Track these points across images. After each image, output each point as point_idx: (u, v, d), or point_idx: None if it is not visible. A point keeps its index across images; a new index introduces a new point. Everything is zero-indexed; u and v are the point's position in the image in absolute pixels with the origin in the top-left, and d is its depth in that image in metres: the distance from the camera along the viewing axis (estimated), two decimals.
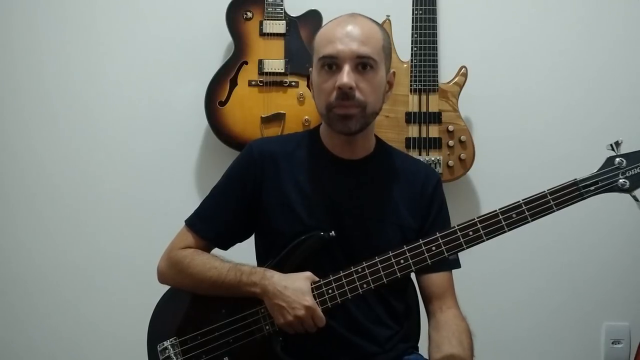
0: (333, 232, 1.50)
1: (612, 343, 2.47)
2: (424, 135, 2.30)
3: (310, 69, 1.57)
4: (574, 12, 2.46)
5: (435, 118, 2.30)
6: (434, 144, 2.29)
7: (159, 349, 1.53)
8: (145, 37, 2.45)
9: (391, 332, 1.57)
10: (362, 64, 1.47)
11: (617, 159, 1.41)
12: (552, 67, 2.46)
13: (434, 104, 2.30)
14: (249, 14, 2.31)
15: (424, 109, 2.30)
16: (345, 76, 1.45)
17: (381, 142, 1.65)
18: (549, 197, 1.40)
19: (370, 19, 1.56)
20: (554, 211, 1.41)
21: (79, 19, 2.44)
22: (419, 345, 1.68)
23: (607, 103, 2.45)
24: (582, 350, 2.49)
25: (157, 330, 1.58)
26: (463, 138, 2.29)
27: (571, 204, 1.41)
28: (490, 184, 2.42)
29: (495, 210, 1.42)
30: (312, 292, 1.45)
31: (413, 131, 2.30)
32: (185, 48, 2.43)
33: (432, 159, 2.29)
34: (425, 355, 1.61)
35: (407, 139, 2.30)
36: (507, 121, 2.46)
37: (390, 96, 1.60)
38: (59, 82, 2.44)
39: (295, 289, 1.44)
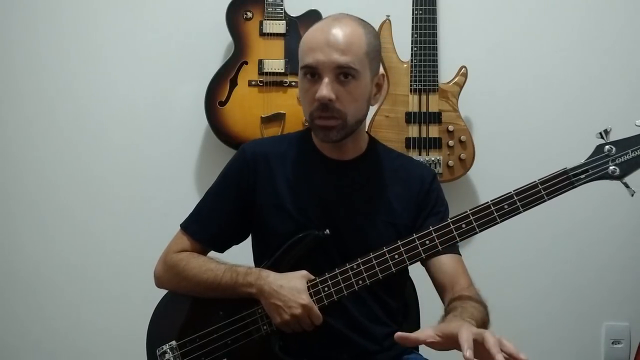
0: (327, 230, 1.50)
1: (612, 343, 2.48)
2: (424, 135, 2.30)
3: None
4: (573, 11, 2.46)
5: (435, 118, 2.30)
6: (434, 144, 2.29)
7: (158, 352, 1.53)
8: (145, 37, 2.45)
9: (389, 330, 1.57)
10: (343, 73, 1.45)
11: (607, 147, 1.41)
12: (552, 67, 2.46)
13: (434, 104, 2.30)
14: (249, 14, 2.31)
15: (424, 109, 2.30)
16: (324, 89, 1.43)
17: (374, 142, 1.65)
18: (540, 187, 1.40)
19: (358, 19, 1.52)
20: (545, 200, 1.40)
21: (79, 19, 2.44)
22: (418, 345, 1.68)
23: (607, 102, 2.45)
24: (582, 350, 2.49)
25: (156, 334, 1.58)
26: (463, 138, 2.29)
27: (562, 192, 1.40)
28: (490, 184, 2.41)
29: (487, 202, 1.42)
30: (308, 290, 1.46)
31: (413, 131, 2.30)
32: (185, 48, 2.43)
33: (432, 159, 2.29)
34: (425, 355, 1.61)
35: (407, 139, 2.30)
36: (507, 121, 2.46)
37: (379, 98, 1.58)
38: (59, 82, 2.44)
39: (291, 287, 1.44)
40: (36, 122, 2.45)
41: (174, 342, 1.53)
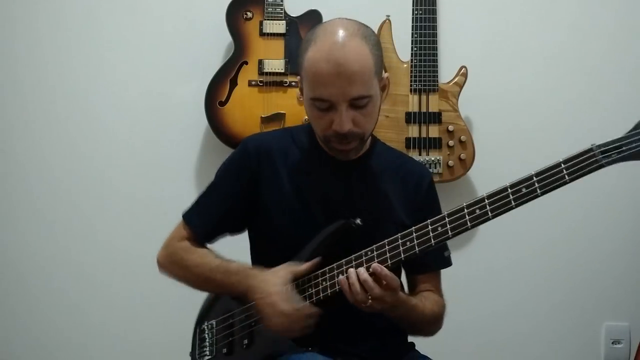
0: (359, 220, 1.47)
1: (612, 343, 2.47)
2: (424, 135, 2.30)
3: (299, 77, 1.50)
4: (573, 11, 2.46)
5: (435, 118, 2.30)
6: (434, 144, 2.30)
7: (198, 329, 1.60)
8: (145, 37, 2.45)
9: (388, 326, 1.57)
10: (358, 100, 1.42)
11: None
12: (552, 66, 2.46)
13: (434, 104, 2.30)
14: (249, 14, 2.31)
15: (424, 109, 2.30)
16: (343, 122, 1.41)
17: (375, 141, 1.64)
18: (563, 166, 1.28)
19: (357, 33, 1.43)
20: (566, 182, 1.28)
21: (80, 19, 2.45)
22: (416, 345, 1.68)
23: (607, 102, 2.45)
24: (582, 350, 2.49)
25: (205, 311, 1.64)
26: (463, 138, 2.30)
27: (588, 172, 1.27)
28: (490, 184, 2.36)
29: (505, 185, 1.35)
30: (305, 284, 1.44)
31: (413, 131, 2.30)
32: (185, 48, 2.43)
33: (432, 159, 2.29)
34: (424, 353, 1.61)
35: (407, 139, 2.30)
36: (507, 121, 2.46)
37: (385, 98, 1.57)
38: (59, 82, 2.45)
39: (270, 302, 1.41)
40: (37, 122, 2.45)
41: (213, 322, 1.58)
